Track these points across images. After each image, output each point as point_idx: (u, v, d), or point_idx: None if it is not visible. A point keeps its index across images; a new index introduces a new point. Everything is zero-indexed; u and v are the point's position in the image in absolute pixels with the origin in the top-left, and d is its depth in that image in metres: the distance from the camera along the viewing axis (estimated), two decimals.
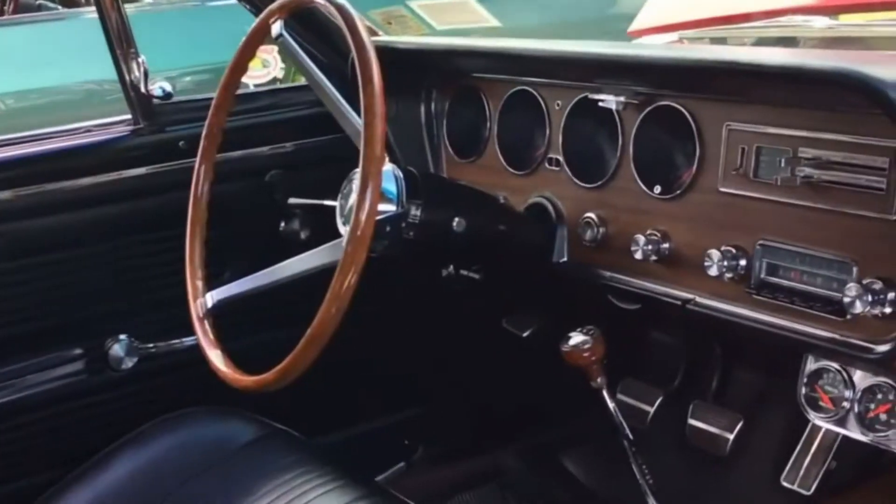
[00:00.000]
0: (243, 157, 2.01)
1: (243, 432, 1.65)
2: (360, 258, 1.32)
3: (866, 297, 1.26)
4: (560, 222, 1.74)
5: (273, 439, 1.64)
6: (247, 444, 1.62)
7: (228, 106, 1.64)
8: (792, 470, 1.60)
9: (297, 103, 2.10)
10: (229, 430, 1.66)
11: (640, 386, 2.02)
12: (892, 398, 1.38)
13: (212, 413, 1.70)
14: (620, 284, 1.63)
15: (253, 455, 1.60)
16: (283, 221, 2.01)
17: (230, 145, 1.93)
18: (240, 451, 1.61)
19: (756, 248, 1.44)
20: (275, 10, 1.56)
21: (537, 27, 3.32)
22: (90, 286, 1.85)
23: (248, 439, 1.63)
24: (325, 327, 1.33)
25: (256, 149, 2.04)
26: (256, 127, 2.06)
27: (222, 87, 1.64)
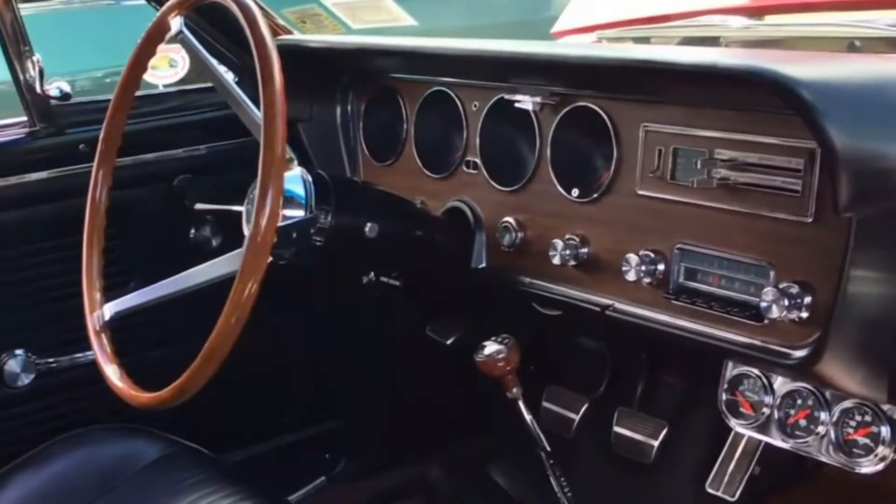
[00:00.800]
0: (151, 161, 1.97)
1: (147, 450, 1.61)
2: (260, 266, 1.28)
3: (783, 302, 1.26)
4: (478, 227, 1.72)
5: (179, 457, 1.60)
6: (151, 463, 1.58)
7: (128, 107, 1.60)
8: (716, 476, 1.60)
9: (207, 105, 2.06)
10: (132, 448, 1.62)
11: (566, 393, 2.02)
12: (811, 404, 1.39)
13: (113, 431, 1.66)
14: (539, 291, 1.62)
15: (157, 474, 1.57)
16: (194, 228, 1.97)
17: (137, 148, 1.90)
18: (143, 470, 1.57)
19: (674, 252, 1.44)
20: (173, 7, 1.52)
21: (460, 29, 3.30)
22: None
23: (153, 458, 1.59)
24: (223, 339, 1.29)
25: (164, 152, 2.00)
26: (164, 129, 2.02)
27: (120, 87, 1.59)
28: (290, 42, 1.91)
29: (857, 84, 1.19)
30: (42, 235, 1.84)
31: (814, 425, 1.39)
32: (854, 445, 1.35)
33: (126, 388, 1.45)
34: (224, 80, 1.52)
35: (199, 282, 1.44)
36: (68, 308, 1.78)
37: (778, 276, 1.31)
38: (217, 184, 1.93)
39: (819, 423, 1.38)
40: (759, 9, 2.17)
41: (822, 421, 1.38)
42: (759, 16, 2.11)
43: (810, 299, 1.27)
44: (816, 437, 1.39)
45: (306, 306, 2.15)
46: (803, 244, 1.28)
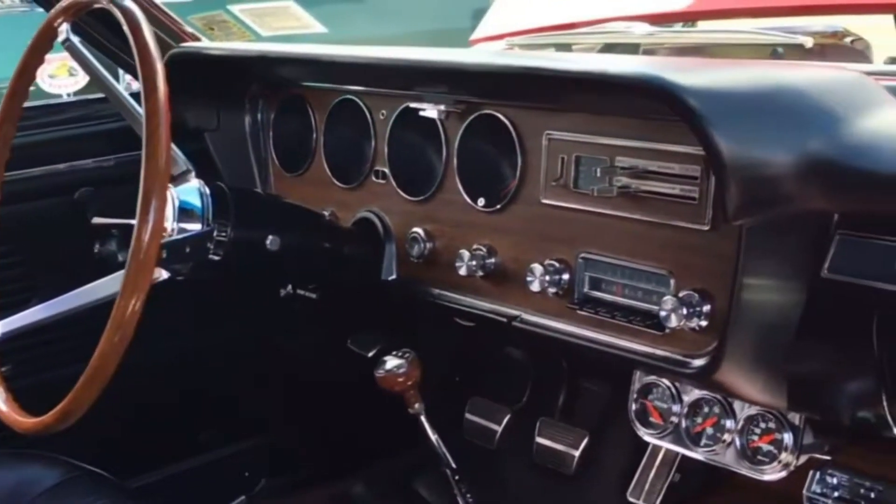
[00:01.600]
0: (51, 174, 1.94)
1: (45, 476, 1.57)
2: (144, 283, 1.26)
3: (682, 311, 1.28)
4: (388, 238, 1.73)
5: (79, 483, 1.57)
6: (49, 490, 1.55)
7: (16, 118, 1.58)
8: (637, 485, 1.63)
9: (111, 115, 2.03)
10: (29, 474, 1.59)
11: (488, 405, 2.03)
12: (717, 412, 1.41)
13: (9, 456, 1.63)
14: (448, 302, 1.63)
15: (55, 501, 1.53)
16: (99, 243, 1.95)
17: (36, 160, 1.88)
18: (38, 497, 1.54)
19: (578, 261, 1.45)
20: (59, 13, 1.50)
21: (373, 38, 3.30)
22: None
23: (51, 483, 1.56)
24: (107, 359, 1.27)
25: (67, 164, 1.97)
26: (67, 140, 2.00)
27: (7, 97, 1.57)
28: (191, 49, 1.90)
29: (746, 90, 1.21)
30: None
31: (720, 433, 1.41)
32: (759, 453, 1.37)
33: (9, 413, 1.42)
34: (115, 89, 1.50)
35: (88, 301, 1.43)
36: None
37: (678, 285, 1.33)
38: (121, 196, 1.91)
39: (725, 431, 1.41)
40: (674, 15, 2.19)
41: (728, 429, 1.40)
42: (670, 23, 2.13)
43: (709, 307, 1.29)
44: (723, 445, 1.41)
45: (224, 321, 2.14)
46: (701, 252, 1.30)
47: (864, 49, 2.74)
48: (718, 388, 1.34)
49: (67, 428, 1.35)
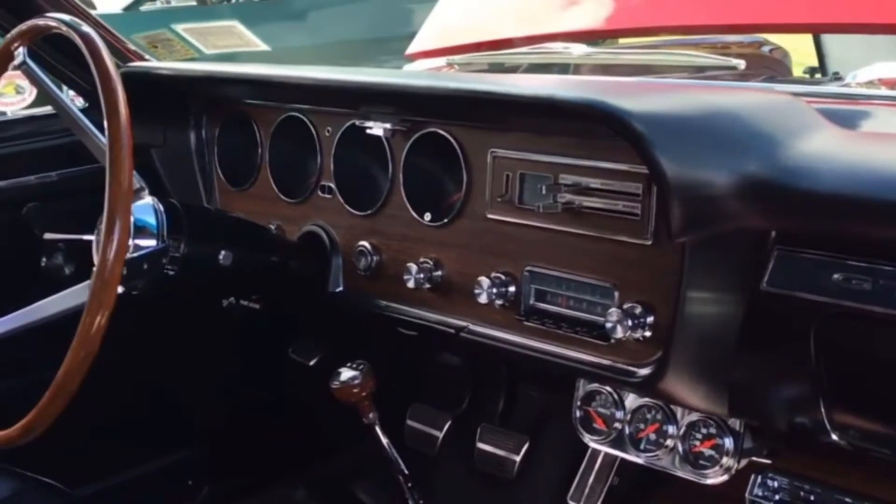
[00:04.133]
0: None
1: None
2: (109, 299, 1.27)
3: (627, 322, 1.31)
4: (335, 251, 1.74)
5: (32, 494, 1.57)
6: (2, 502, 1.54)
7: None
8: (577, 489, 1.65)
9: (55, 131, 2.01)
10: None
11: (429, 411, 2.04)
12: (660, 418, 1.44)
13: None
14: (395, 313, 1.64)
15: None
16: (45, 257, 1.93)
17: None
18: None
19: (524, 274, 1.47)
20: (15, 38, 1.49)
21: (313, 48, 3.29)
22: None
23: (4, 496, 1.55)
24: (72, 375, 1.27)
25: (12, 180, 1.95)
26: (12, 156, 1.98)
27: None
28: (140, 69, 1.89)
29: (688, 115, 1.24)
30: None
31: (663, 439, 1.44)
32: (700, 457, 1.41)
33: None
34: (69, 107, 1.50)
35: (48, 314, 1.43)
36: None
37: (622, 297, 1.36)
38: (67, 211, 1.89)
39: (668, 436, 1.44)
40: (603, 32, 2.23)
41: (670, 434, 1.44)
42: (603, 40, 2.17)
43: (652, 319, 1.32)
44: (666, 450, 1.44)
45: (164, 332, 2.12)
46: (644, 266, 1.33)
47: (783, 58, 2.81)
48: (662, 396, 1.37)
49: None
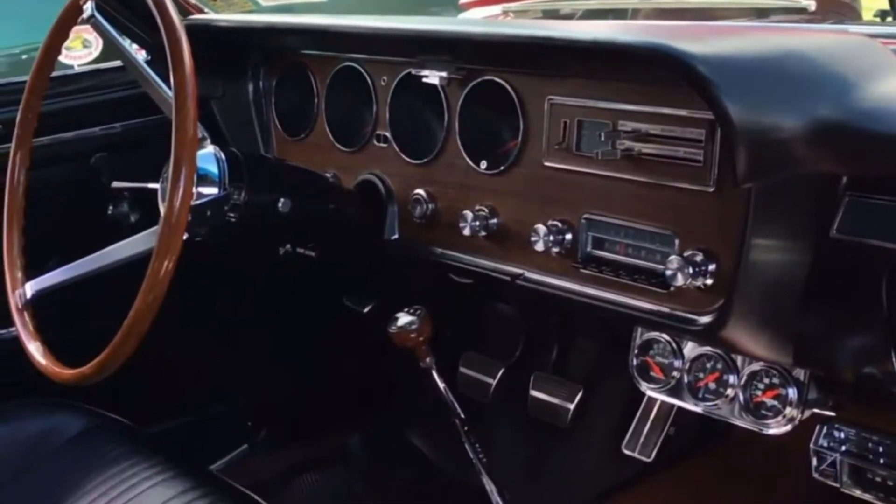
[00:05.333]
0: (67, 141, 1.92)
1: (70, 424, 1.58)
2: (176, 245, 1.27)
3: (687, 270, 1.25)
4: (390, 200, 1.69)
5: (102, 431, 1.58)
6: (75, 437, 1.56)
7: (43, 89, 1.58)
8: (632, 438, 1.60)
9: (121, 83, 2.00)
10: (55, 422, 1.59)
11: (482, 359, 2.00)
12: (720, 367, 1.38)
13: (36, 406, 1.63)
14: (451, 261, 1.60)
15: (80, 448, 1.54)
16: (111, 205, 1.92)
17: (52, 128, 1.85)
18: (67, 443, 1.55)
19: (581, 221, 1.41)
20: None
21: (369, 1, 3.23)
22: None
23: (76, 432, 1.57)
24: (142, 317, 1.28)
25: (80, 131, 1.95)
26: (80, 108, 1.97)
27: (35, 69, 1.58)
28: (200, 22, 1.86)
29: (755, 57, 1.16)
30: None
31: (723, 388, 1.38)
32: (762, 407, 1.34)
33: (49, 365, 1.43)
34: (135, 60, 1.49)
35: (117, 259, 1.43)
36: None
37: (682, 245, 1.29)
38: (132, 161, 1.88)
39: (728, 386, 1.37)
40: None
41: (730, 384, 1.37)
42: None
43: (714, 267, 1.25)
44: (726, 399, 1.38)
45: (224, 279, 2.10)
46: (706, 213, 1.26)
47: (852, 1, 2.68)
48: (724, 344, 1.31)
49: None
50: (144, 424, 1.70)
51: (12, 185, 1.57)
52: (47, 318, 1.51)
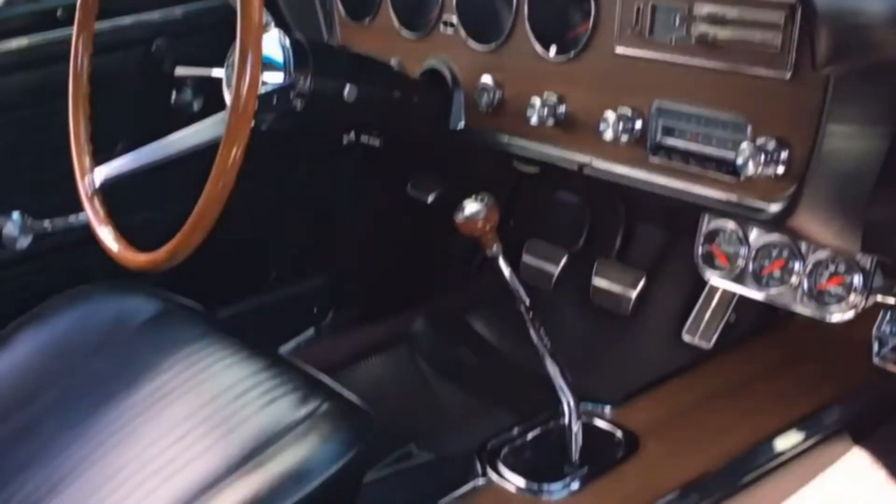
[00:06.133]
0: (127, 26, 1.89)
1: (145, 307, 1.60)
2: (244, 133, 1.26)
3: (759, 158, 1.24)
4: (456, 87, 1.68)
5: (175, 314, 1.59)
6: (149, 320, 1.58)
7: None
8: (693, 324, 1.61)
9: None
10: (130, 305, 1.61)
11: (545, 247, 2.01)
12: (785, 255, 1.38)
13: (112, 289, 1.64)
14: (517, 150, 1.60)
15: (155, 330, 1.56)
16: (175, 93, 1.92)
17: (112, 12, 1.83)
18: (141, 326, 1.57)
19: (652, 109, 1.40)
20: None
21: None
22: None
23: (150, 314, 1.58)
24: (212, 204, 1.28)
25: (141, 15, 1.92)
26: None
27: None
28: None
29: None
30: (27, 102, 1.78)
31: (787, 276, 1.38)
32: (826, 294, 1.34)
33: (121, 251, 1.45)
34: None
35: (185, 147, 1.43)
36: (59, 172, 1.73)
37: (755, 132, 1.28)
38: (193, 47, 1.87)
39: (793, 273, 1.38)
40: None
41: (795, 271, 1.37)
42: None
43: (786, 154, 1.24)
44: (790, 287, 1.38)
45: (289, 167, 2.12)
46: (781, 100, 1.24)
47: None
48: (792, 231, 1.31)
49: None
50: (213, 309, 1.72)
51: (76, 70, 1.55)
52: (116, 205, 1.52)
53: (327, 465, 1.31)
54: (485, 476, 1.45)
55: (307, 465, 1.31)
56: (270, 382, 1.43)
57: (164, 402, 1.44)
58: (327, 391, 1.42)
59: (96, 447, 1.41)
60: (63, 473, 1.37)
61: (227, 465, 1.31)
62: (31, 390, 1.50)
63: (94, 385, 1.50)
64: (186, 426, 1.40)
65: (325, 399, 1.38)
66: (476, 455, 1.50)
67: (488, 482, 1.45)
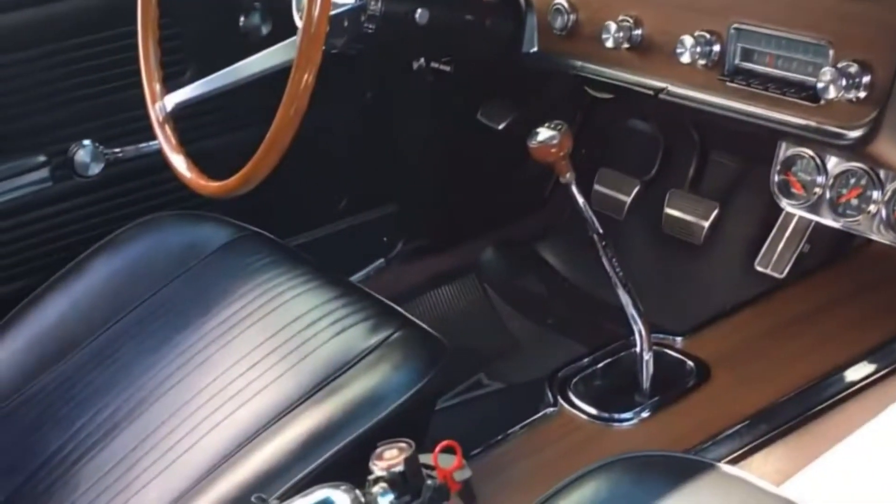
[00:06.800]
0: None
1: (217, 235, 1.61)
2: (316, 57, 1.26)
3: (840, 82, 1.21)
4: (529, 10, 1.66)
5: (247, 241, 1.60)
6: (221, 247, 1.59)
7: None
8: (766, 254, 1.59)
9: None
10: (203, 233, 1.63)
11: (617, 176, 2.00)
12: (863, 183, 1.36)
13: (185, 217, 1.66)
14: (591, 74, 1.57)
15: (227, 257, 1.58)
16: (243, 16, 1.92)
17: None
18: (214, 253, 1.59)
19: (730, 32, 1.37)
20: None
21: None
22: (46, 89, 1.75)
23: (223, 242, 1.60)
24: (284, 130, 1.29)
25: None
26: None
27: None
28: None
29: None
30: (96, 27, 1.79)
31: (865, 204, 1.36)
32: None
33: (194, 178, 1.47)
34: None
35: (255, 71, 1.44)
36: (129, 99, 1.75)
37: (837, 55, 1.24)
38: None
39: (871, 202, 1.35)
40: None
41: (873, 199, 1.35)
42: None
43: (869, 78, 1.21)
44: (867, 215, 1.36)
45: (358, 93, 2.11)
46: (865, 22, 1.21)
47: None
48: (872, 158, 1.28)
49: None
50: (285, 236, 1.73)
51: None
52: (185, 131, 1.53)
53: (402, 390, 1.32)
54: (556, 405, 1.46)
55: (382, 390, 1.33)
56: (344, 310, 1.44)
57: (238, 328, 1.47)
58: (401, 319, 1.43)
59: (174, 372, 1.44)
60: (142, 396, 1.41)
61: (302, 390, 1.33)
62: (107, 316, 1.54)
63: (169, 311, 1.53)
64: (261, 352, 1.42)
65: (398, 327, 1.40)
66: (547, 383, 1.51)
67: (559, 410, 1.45)
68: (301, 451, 1.26)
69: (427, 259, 2.24)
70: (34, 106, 1.75)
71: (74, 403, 1.43)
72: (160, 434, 1.35)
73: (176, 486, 1.27)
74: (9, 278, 1.77)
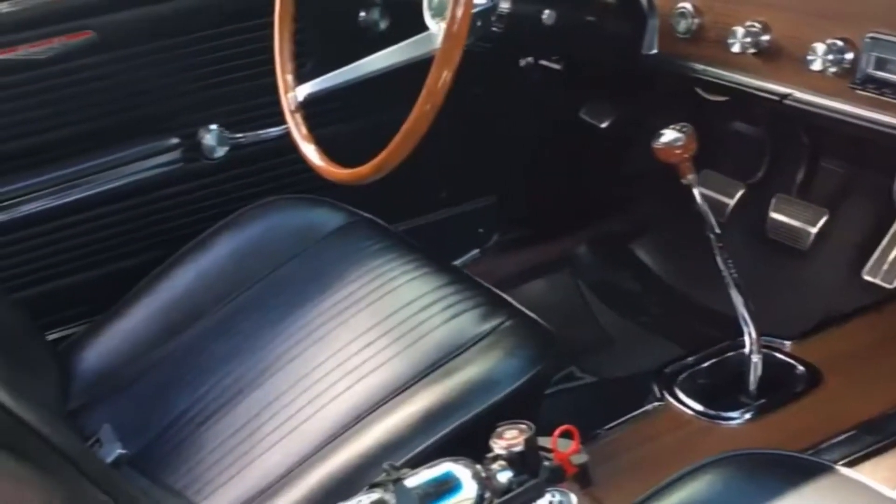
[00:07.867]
0: None
1: (331, 219, 1.67)
2: (456, 55, 1.30)
3: None
4: (652, 12, 1.66)
5: (359, 226, 1.66)
6: (335, 231, 1.65)
7: None
8: (875, 264, 1.60)
9: None
10: (318, 217, 1.69)
11: (720, 178, 2.00)
12: None
13: (301, 201, 1.73)
14: (713, 78, 1.58)
15: (341, 241, 1.64)
16: (363, 11, 1.96)
17: None
18: (328, 236, 1.65)
19: (865, 40, 1.37)
20: None
21: None
22: (179, 77, 1.84)
23: (336, 226, 1.66)
24: (420, 123, 1.34)
25: None
26: None
27: None
28: None
29: None
30: (231, 18, 1.86)
31: None
32: None
33: (325, 166, 1.51)
34: None
35: (386, 65, 1.47)
36: (253, 88, 1.85)
37: None
38: None
39: None
40: None
41: None
42: None
43: None
44: None
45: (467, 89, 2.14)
46: None
47: None
48: None
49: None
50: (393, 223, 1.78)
51: None
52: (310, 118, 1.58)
53: (516, 375, 1.36)
54: (662, 400, 1.48)
55: (496, 374, 1.37)
56: (455, 297, 1.49)
57: (353, 308, 1.52)
58: (511, 308, 1.47)
59: (293, 345, 1.49)
60: (264, 366, 1.47)
61: (416, 370, 1.38)
62: (230, 289, 1.61)
63: (287, 288, 1.59)
64: (376, 332, 1.47)
65: (508, 315, 1.44)
66: (653, 378, 1.53)
67: (666, 405, 1.47)
68: (421, 426, 1.31)
69: (522, 251, 2.27)
70: (169, 92, 1.84)
71: (200, 370, 1.50)
72: (282, 402, 1.41)
73: (298, 451, 1.33)
74: (141, 249, 1.86)
